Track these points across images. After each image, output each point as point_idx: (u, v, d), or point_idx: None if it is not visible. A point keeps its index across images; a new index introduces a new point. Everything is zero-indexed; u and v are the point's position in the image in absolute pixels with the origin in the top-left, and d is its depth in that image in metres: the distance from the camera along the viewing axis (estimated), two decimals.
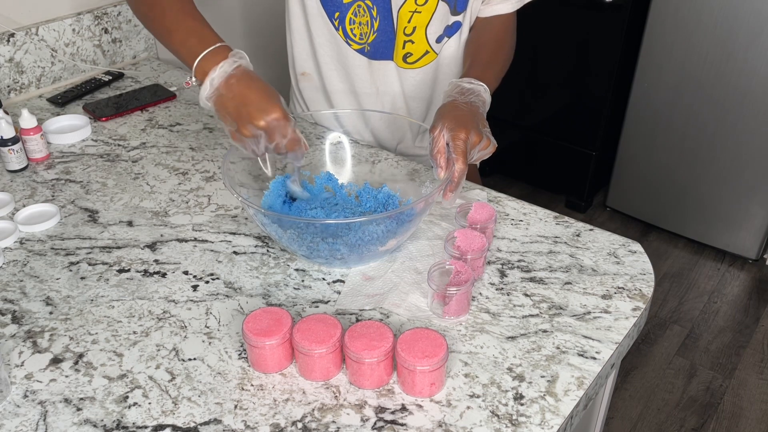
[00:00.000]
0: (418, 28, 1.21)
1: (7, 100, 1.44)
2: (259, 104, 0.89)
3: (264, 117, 0.89)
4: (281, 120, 0.89)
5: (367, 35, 1.21)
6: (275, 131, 0.90)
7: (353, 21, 1.20)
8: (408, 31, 1.21)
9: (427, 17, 1.19)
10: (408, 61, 1.25)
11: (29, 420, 0.76)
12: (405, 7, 1.17)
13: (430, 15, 1.19)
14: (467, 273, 0.87)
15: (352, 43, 1.23)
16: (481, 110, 1.04)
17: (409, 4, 1.17)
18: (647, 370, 2.16)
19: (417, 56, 1.24)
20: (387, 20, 1.19)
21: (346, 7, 1.18)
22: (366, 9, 1.18)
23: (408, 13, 1.18)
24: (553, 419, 0.75)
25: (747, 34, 2.20)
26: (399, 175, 1.15)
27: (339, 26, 1.21)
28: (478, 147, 0.97)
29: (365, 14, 1.18)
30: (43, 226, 1.06)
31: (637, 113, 2.55)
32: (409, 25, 1.20)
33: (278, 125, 0.90)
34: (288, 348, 0.80)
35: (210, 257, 1.00)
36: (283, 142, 0.91)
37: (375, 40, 1.21)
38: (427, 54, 1.25)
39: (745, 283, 2.50)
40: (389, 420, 0.75)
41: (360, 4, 1.18)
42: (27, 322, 0.89)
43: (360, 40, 1.22)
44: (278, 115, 0.89)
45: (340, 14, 1.19)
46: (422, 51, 1.24)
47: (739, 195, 2.45)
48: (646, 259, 1.00)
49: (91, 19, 1.53)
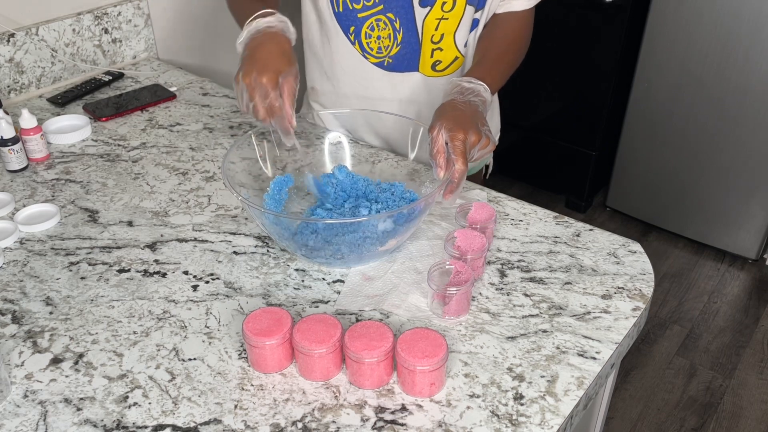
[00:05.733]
0: (447, 35, 1.18)
1: (7, 100, 1.44)
2: (257, 62, 0.94)
3: (251, 74, 0.92)
4: (265, 85, 0.92)
5: (389, 48, 1.18)
6: (255, 91, 0.93)
7: (369, 35, 1.18)
8: (435, 39, 1.18)
9: (455, 23, 1.17)
10: (437, 69, 1.22)
11: (29, 420, 0.76)
12: (431, 16, 1.15)
13: (458, 20, 1.17)
14: (467, 273, 0.87)
15: (369, 57, 1.21)
16: (480, 109, 1.03)
17: (435, 12, 1.15)
18: (647, 370, 2.16)
19: (447, 63, 1.22)
20: (411, 31, 1.17)
21: (361, 21, 1.17)
22: (387, 22, 1.16)
23: (434, 21, 1.16)
24: (553, 419, 0.75)
25: (747, 34, 2.20)
26: (399, 175, 1.15)
27: (355, 40, 1.20)
28: (478, 146, 0.97)
29: (386, 27, 1.16)
30: (43, 226, 1.06)
31: (637, 113, 2.55)
32: (437, 32, 1.17)
33: (260, 87, 0.92)
34: (288, 348, 0.80)
35: (210, 257, 1.00)
36: (261, 104, 0.93)
37: (399, 53, 1.19)
38: (457, 59, 1.23)
39: (745, 283, 2.50)
40: (389, 420, 0.75)
41: (380, 17, 1.15)
42: (27, 322, 0.89)
43: (378, 53, 1.20)
44: (265, 79, 0.92)
45: (355, 28, 1.18)
46: (452, 57, 1.22)
47: (739, 195, 2.45)
48: (646, 259, 1.00)
49: (91, 19, 1.53)
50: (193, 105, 1.44)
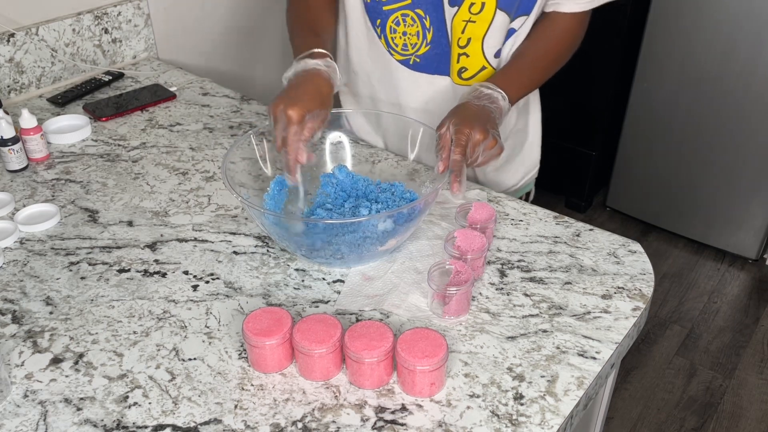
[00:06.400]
0: (474, 40, 1.11)
1: (7, 100, 1.44)
2: (290, 97, 0.96)
3: (279, 106, 0.95)
4: (289, 117, 0.94)
5: (416, 46, 1.13)
6: (278, 123, 0.95)
7: (394, 30, 1.13)
8: (462, 42, 1.11)
9: (483, 28, 1.10)
10: (463, 77, 1.16)
11: (29, 420, 0.76)
12: (458, 16, 1.08)
13: (486, 25, 1.09)
14: (467, 273, 0.87)
15: (394, 54, 1.16)
16: (493, 115, 1.02)
17: (462, 12, 1.08)
18: (647, 370, 2.16)
19: (473, 72, 1.15)
20: (441, 31, 1.11)
21: (386, 14, 1.12)
22: (416, 18, 1.10)
23: (462, 22, 1.09)
24: (553, 419, 0.75)
25: (747, 34, 2.20)
26: (399, 175, 1.15)
27: (381, 34, 1.15)
28: (483, 145, 0.96)
29: (414, 24, 1.11)
30: (43, 226, 1.06)
31: (637, 113, 2.55)
32: (463, 36, 1.10)
33: (282, 119, 0.94)
34: (288, 348, 0.80)
35: (210, 257, 1.00)
36: (279, 135, 0.95)
37: (428, 53, 1.14)
38: (484, 70, 1.16)
39: (745, 283, 2.50)
40: (389, 420, 0.75)
41: (407, 12, 1.10)
42: (27, 322, 0.89)
43: (403, 51, 1.15)
44: (290, 112, 0.94)
45: (381, 21, 1.13)
46: (478, 66, 1.14)
47: (739, 195, 2.45)
48: (646, 259, 1.00)
49: (91, 19, 1.53)
50: (193, 105, 1.44)
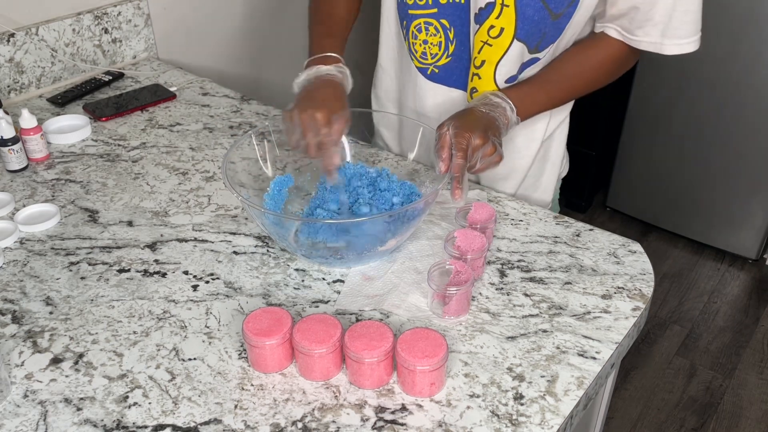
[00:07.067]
0: (488, 63, 1.07)
1: (7, 100, 1.44)
2: (313, 100, 0.96)
3: (307, 110, 0.94)
4: (319, 120, 0.93)
5: (436, 57, 1.11)
6: (309, 129, 0.94)
7: (415, 36, 1.11)
8: (477, 63, 1.08)
9: (498, 54, 1.06)
10: (472, 97, 1.13)
11: (29, 420, 0.76)
12: (478, 35, 1.05)
13: (502, 52, 1.06)
14: (467, 273, 0.87)
15: (414, 60, 1.15)
16: (497, 123, 1.00)
17: (481, 33, 1.05)
18: (647, 370, 2.16)
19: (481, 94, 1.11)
20: (464, 46, 1.09)
21: (411, 18, 1.10)
22: (439, 28, 1.08)
23: (480, 42, 1.06)
24: (553, 419, 0.75)
25: (747, 34, 2.20)
26: (399, 175, 1.15)
27: (406, 37, 1.14)
28: (482, 150, 0.95)
29: (437, 34, 1.09)
30: (43, 226, 1.06)
31: (637, 113, 2.55)
32: (479, 56, 1.07)
33: (314, 123, 0.94)
34: (288, 348, 0.80)
35: (210, 257, 1.00)
36: (312, 141, 0.94)
37: (448, 65, 1.12)
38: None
39: (745, 283, 2.50)
40: (389, 420, 0.75)
41: (431, 21, 1.08)
42: (27, 322, 0.89)
43: (422, 59, 1.13)
44: (319, 115, 0.93)
45: (406, 23, 1.12)
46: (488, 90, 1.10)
47: (739, 195, 2.45)
48: (646, 259, 1.00)
49: (91, 19, 1.52)
50: (193, 105, 1.44)
